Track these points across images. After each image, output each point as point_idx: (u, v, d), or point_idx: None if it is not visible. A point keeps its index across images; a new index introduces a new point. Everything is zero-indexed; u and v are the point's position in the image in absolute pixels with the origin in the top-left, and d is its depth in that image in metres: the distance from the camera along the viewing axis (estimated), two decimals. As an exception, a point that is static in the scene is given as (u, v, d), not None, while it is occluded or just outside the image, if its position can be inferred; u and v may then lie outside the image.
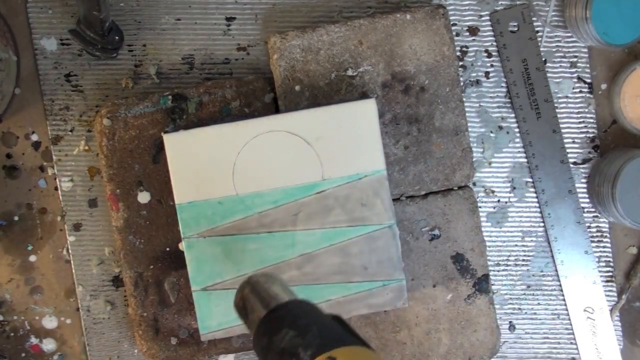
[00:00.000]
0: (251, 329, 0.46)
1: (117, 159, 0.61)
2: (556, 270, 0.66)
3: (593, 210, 0.66)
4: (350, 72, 0.61)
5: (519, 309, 0.66)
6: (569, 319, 0.66)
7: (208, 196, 0.58)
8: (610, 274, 0.66)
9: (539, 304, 0.66)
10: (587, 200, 0.66)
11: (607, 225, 0.66)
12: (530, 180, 0.65)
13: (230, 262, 0.58)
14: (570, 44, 0.65)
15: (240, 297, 0.48)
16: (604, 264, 0.66)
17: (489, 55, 0.65)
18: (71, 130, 0.64)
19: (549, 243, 0.66)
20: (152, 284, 0.62)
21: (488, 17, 0.65)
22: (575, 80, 0.65)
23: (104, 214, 0.64)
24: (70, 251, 0.65)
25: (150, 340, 0.62)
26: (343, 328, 0.43)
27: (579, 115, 0.65)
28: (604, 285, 0.66)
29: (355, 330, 0.43)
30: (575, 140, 0.66)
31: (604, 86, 0.65)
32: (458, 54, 0.65)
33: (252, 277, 0.49)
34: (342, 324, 0.44)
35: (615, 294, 0.66)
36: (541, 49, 0.65)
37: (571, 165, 0.65)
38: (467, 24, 0.65)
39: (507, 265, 0.66)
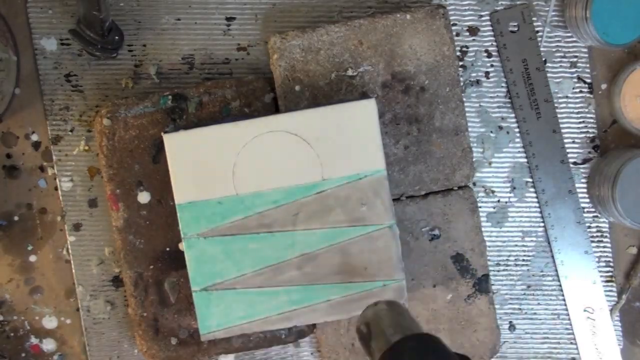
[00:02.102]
0: (374, 356, 0.45)
1: (117, 159, 0.61)
2: (556, 270, 0.66)
3: (593, 210, 0.66)
4: (350, 72, 0.61)
5: (519, 309, 0.66)
6: (569, 319, 0.66)
7: (208, 196, 0.58)
8: (610, 274, 0.66)
9: (539, 304, 0.66)
10: (587, 200, 0.66)
11: (607, 225, 0.66)
12: (530, 180, 0.65)
13: (230, 262, 0.58)
14: (570, 44, 0.65)
15: (364, 322, 0.47)
16: (604, 264, 0.66)
17: (489, 55, 0.65)
18: (71, 130, 0.64)
19: (549, 243, 0.66)
20: (152, 284, 0.62)
21: (488, 17, 0.65)
22: (575, 80, 0.65)
23: (104, 214, 0.64)
24: (70, 251, 0.65)
25: (150, 340, 0.62)
26: None
27: (579, 115, 0.65)
28: (604, 285, 0.66)
29: None
30: (575, 140, 0.66)
31: (604, 86, 0.65)
32: (458, 54, 0.65)
33: (378, 303, 0.48)
34: None
35: (615, 294, 0.66)
36: (541, 49, 0.65)
37: (571, 165, 0.65)
38: (467, 24, 0.65)
39: (507, 265, 0.66)
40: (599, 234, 0.66)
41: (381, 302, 0.48)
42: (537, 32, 0.65)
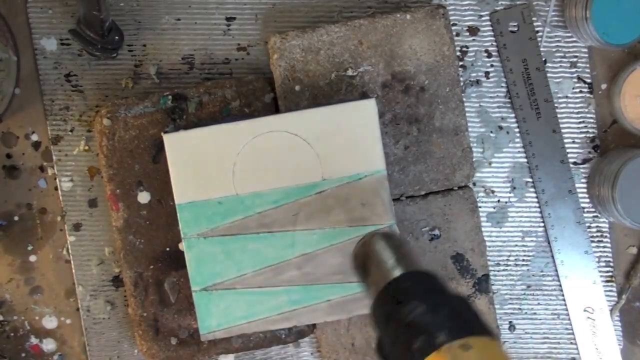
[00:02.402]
0: (370, 289, 0.43)
1: (117, 159, 0.61)
2: (556, 270, 0.66)
3: (593, 210, 0.66)
4: (350, 72, 0.61)
5: (519, 309, 0.66)
6: (569, 319, 0.66)
7: (208, 196, 0.58)
8: (610, 274, 0.66)
9: (539, 304, 0.66)
10: (587, 200, 0.66)
11: (607, 225, 0.66)
12: (530, 180, 0.65)
13: (230, 262, 0.58)
14: (570, 44, 0.65)
15: (363, 252, 0.44)
16: (604, 264, 0.66)
17: (489, 55, 0.65)
18: (71, 130, 0.64)
19: (549, 243, 0.66)
20: (152, 284, 0.62)
21: (488, 17, 0.65)
22: (575, 80, 0.65)
23: (104, 214, 0.64)
24: (70, 251, 0.65)
25: (150, 340, 0.62)
26: (470, 313, 0.40)
27: (579, 115, 0.65)
28: (604, 285, 0.66)
29: (483, 319, 0.40)
30: (575, 140, 0.66)
31: (604, 86, 0.65)
32: (458, 54, 0.65)
33: (377, 233, 0.45)
34: (470, 309, 0.41)
35: (615, 294, 0.66)
36: (541, 49, 0.65)
37: (571, 165, 0.65)
38: (467, 24, 0.65)
39: (507, 265, 0.66)
40: (599, 234, 0.66)
41: (378, 233, 0.45)
42: (537, 32, 0.65)
